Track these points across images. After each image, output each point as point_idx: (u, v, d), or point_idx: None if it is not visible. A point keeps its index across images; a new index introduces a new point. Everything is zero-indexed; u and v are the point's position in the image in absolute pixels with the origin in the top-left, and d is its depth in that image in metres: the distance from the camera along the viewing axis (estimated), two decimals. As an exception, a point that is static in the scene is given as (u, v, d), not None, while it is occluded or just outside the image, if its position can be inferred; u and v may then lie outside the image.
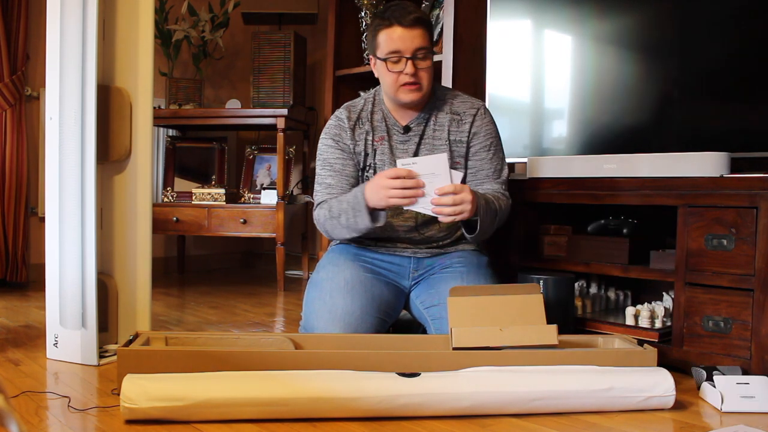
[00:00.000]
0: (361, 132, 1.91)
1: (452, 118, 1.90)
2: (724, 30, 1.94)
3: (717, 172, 1.79)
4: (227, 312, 2.71)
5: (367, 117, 1.92)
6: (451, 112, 1.90)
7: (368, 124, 1.91)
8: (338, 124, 1.92)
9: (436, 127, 1.89)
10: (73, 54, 1.78)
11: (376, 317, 1.79)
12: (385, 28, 1.79)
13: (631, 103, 2.12)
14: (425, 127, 1.90)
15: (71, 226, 1.80)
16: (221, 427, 1.34)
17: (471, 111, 1.91)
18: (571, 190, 2.08)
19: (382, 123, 1.91)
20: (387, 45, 1.79)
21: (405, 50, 1.77)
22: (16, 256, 3.14)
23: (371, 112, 1.92)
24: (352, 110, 1.94)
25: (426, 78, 1.81)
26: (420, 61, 1.79)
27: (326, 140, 1.92)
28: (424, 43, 1.79)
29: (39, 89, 3.28)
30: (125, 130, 1.93)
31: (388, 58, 1.79)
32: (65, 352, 1.82)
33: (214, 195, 3.42)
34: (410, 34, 1.77)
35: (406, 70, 1.78)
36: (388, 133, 1.90)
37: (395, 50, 1.78)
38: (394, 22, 1.77)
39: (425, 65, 1.80)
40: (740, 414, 1.49)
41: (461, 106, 1.91)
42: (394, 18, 1.78)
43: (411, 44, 1.77)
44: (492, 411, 1.43)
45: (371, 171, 1.90)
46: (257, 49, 3.49)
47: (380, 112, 1.92)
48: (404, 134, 1.90)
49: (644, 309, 1.97)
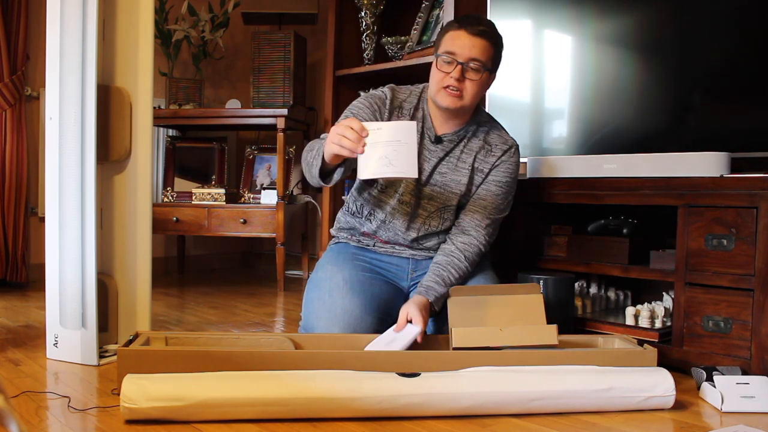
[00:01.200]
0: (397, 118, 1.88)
1: (483, 146, 1.88)
2: (724, 30, 1.94)
3: (717, 172, 1.79)
4: (227, 312, 2.71)
5: (409, 110, 1.89)
6: (484, 141, 1.89)
7: (407, 118, 1.87)
8: (381, 98, 1.88)
9: (465, 150, 1.87)
10: (73, 54, 1.78)
11: (376, 316, 1.79)
12: (452, 30, 1.79)
13: (631, 103, 2.12)
14: (455, 146, 1.87)
15: (71, 226, 1.80)
16: (221, 427, 1.34)
17: (503, 146, 1.89)
18: (571, 190, 2.08)
19: (419, 123, 1.88)
20: (446, 44, 1.78)
21: (460, 55, 1.75)
22: (16, 256, 3.14)
23: (415, 108, 1.89)
24: (396, 94, 1.91)
25: (471, 90, 1.78)
26: (471, 71, 1.76)
27: (363, 102, 1.88)
28: (483, 56, 1.76)
29: (39, 89, 3.28)
30: (125, 130, 1.93)
31: (442, 56, 1.78)
32: (65, 352, 1.82)
33: (214, 195, 3.42)
34: (471, 42, 1.75)
35: (453, 74, 1.76)
36: (421, 136, 1.87)
37: (451, 51, 1.76)
38: (463, 26, 1.77)
39: (474, 77, 1.77)
40: (740, 414, 1.49)
41: (496, 138, 1.90)
42: (465, 23, 1.78)
43: (469, 52, 1.75)
44: (492, 411, 1.43)
45: None
46: (257, 49, 3.49)
47: (421, 110, 1.89)
48: (433, 143, 1.87)
49: (644, 309, 1.97)
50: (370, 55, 3.13)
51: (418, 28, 2.97)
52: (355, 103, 1.89)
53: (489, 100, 2.44)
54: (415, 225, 1.88)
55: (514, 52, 2.41)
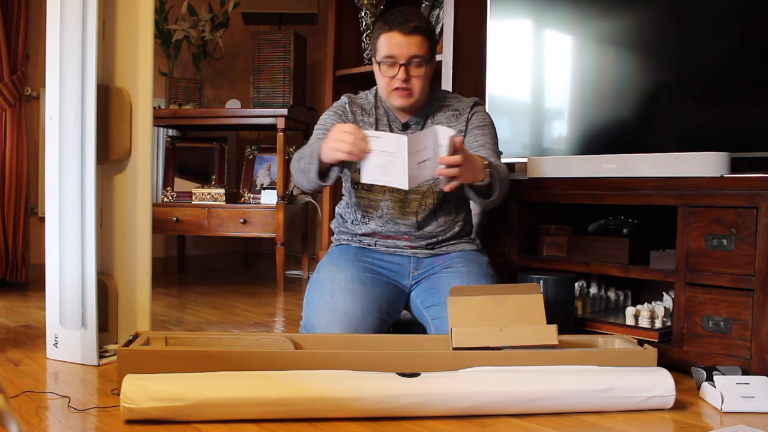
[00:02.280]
0: (363, 121, 1.95)
1: (450, 114, 1.95)
2: (723, 30, 1.94)
3: (717, 172, 1.79)
4: (227, 312, 2.71)
5: (370, 109, 1.97)
6: (449, 110, 1.96)
7: (372, 116, 1.96)
8: (341, 106, 1.98)
9: (435, 123, 1.93)
10: (73, 54, 1.78)
11: (377, 317, 1.80)
12: (384, 33, 1.83)
13: (631, 102, 2.12)
14: (423, 125, 1.94)
15: (71, 226, 1.80)
16: (221, 427, 1.34)
17: (467, 106, 1.97)
18: (571, 190, 2.08)
19: (384, 117, 1.96)
20: (384, 49, 1.83)
21: (400, 56, 1.81)
22: (16, 256, 3.14)
23: (374, 106, 1.97)
24: (354, 100, 1.99)
25: (418, 85, 1.85)
26: (414, 68, 1.83)
27: (329, 113, 1.97)
28: (421, 51, 1.82)
29: (39, 89, 3.28)
30: (125, 130, 1.93)
31: (383, 61, 1.84)
32: (65, 352, 1.82)
33: (214, 195, 3.42)
34: (407, 41, 1.80)
35: (398, 76, 1.82)
36: (390, 128, 1.95)
37: (390, 55, 1.82)
38: (393, 27, 1.82)
39: (419, 73, 1.84)
40: (740, 414, 1.49)
41: (458, 103, 1.97)
42: (394, 24, 1.82)
43: (407, 51, 1.81)
44: (492, 411, 1.43)
45: None
46: (257, 49, 3.49)
47: (382, 107, 1.97)
48: (403, 131, 1.94)
49: (644, 309, 1.97)
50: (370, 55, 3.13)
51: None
52: (324, 117, 1.96)
53: (489, 100, 2.44)
54: (411, 209, 1.91)
55: (514, 52, 2.41)
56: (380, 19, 1.89)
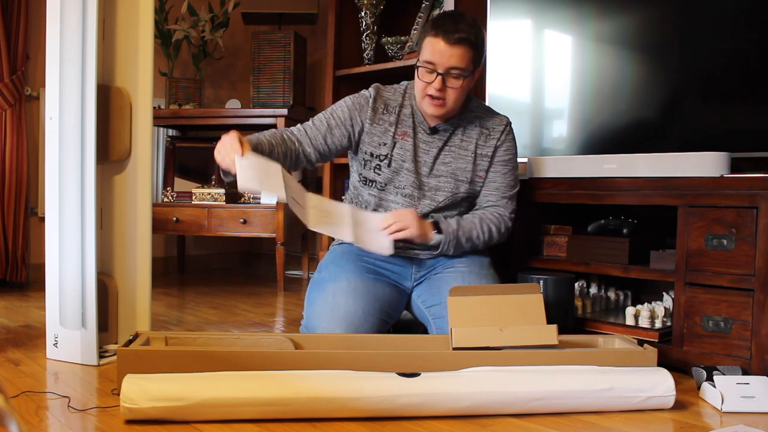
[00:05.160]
0: (383, 119, 1.91)
1: (481, 131, 1.91)
2: (724, 30, 1.94)
3: (717, 172, 1.79)
4: (227, 312, 2.71)
5: (395, 108, 1.91)
6: (480, 126, 1.92)
7: (394, 115, 1.90)
8: (365, 97, 1.93)
9: (464, 137, 1.91)
10: (73, 54, 1.78)
11: (378, 318, 1.79)
12: (430, 36, 1.77)
13: (631, 103, 2.12)
14: (452, 135, 1.91)
15: (71, 226, 1.80)
16: (221, 427, 1.34)
17: (500, 127, 1.93)
18: (571, 190, 2.08)
19: (409, 118, 1.91)
20: (426, 53, 1.78)
21: (439, 65, 1.76)
22: (16, 256, 3.14)
23: (400, 105, 1.92)
24: (381, 92, 1.94)
25: (453, 97, 1.81)
26: (452, 79, 1.78)
27: (347, 100, 1.94)
28: (462, 63, 1.76)
29: (39, 89, 3.28)
30: (125, 130, 1.93)
31: (423, 66, 1.79)
32: (65, 352, 1.82)
33: (214, 195, 3.42)
34: (450, 51, 1.74)
35: (434, 84, 1.77)
36: (414, 130, 1.90)
37: (431, 61, 1.77)
38: (439, 33, 1.75)
39: (455, 84, 1.78)
40: (740, 414, 1.49)
41: (491, 121, 1.93)
42: (441, 29, 1.75)
43: (447, 61, 1.75)
44: (492, 411, 1.43)
45: (386, 161, 1.89)
46: (257, 49, 3.49)
47: (410, 106, 1.92)
48: (430, 135, 1.90)
49: (644, 309, 1.97)
50: (370, 55, 3.13)
51: (418, 28, 2.97)
52: (339, 103, 1.95)
53: (489, 100, 2.44)
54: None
55: (515, 52, 2.41)
56: (431, 20, 1.82)
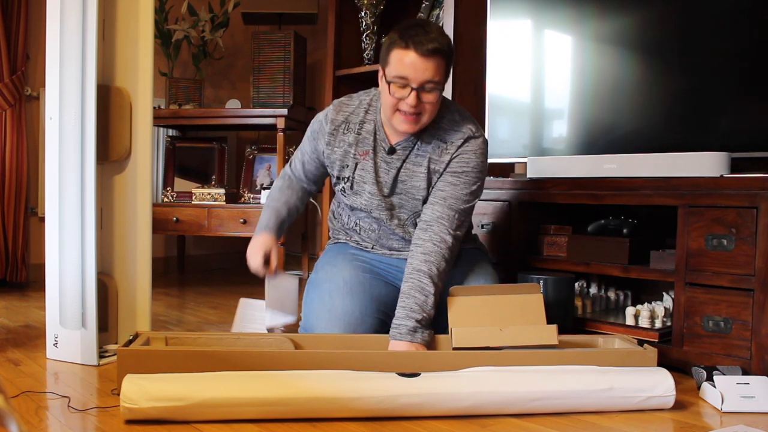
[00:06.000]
0: (343, 140, 1.80)
1: (437, 145, 1.75)
2: (724, 30, 1.94)
3: (717, 172, 1.79)
4: (227, 312, 2.71)
5: (355, 126, 1.79)
6: (438, 139, 1.75)
7: (353, 135, 1.79)
8: (320, 123, 1.84)
9: (419, 152, 1.77)
10: (73, 54, 1.78)
11: (376, 317, 1.79)
12: (399, 48, 1.62)
13: (631, 103, 2.12)
14: (410, 152, 1.77)
15: (71, 226, 1.80)
16: (221, 427, 1.34)
17: (458, 141, 1.74)
18: (571, 190, 2.08)
19: (370, 136, 1.78)
20: (396, 68, 1.63)
21: (413, 79, 1.62)
22: (16, 256, 3.14)
23: (362, 122, 1.79)
24: (341, 110, 1.82)
25: (428, 111, 1.67)
26: (426, 93, 1.64)
27: (307, 131, 1.90)
28: (437, 76, 1.62)
29: (39, 89, 3.28)
30: (125, 130, 1.93)
31: (394, 81, 1.64)
32: (65, 352, 1.82)
33: (214, 195, 3.42)
34: (424, 64, 1.60)
35: (408, 101, 1.63)
36: (374, 150, 1.78)
37: (403, 76, 1.62)
38: (411, 46, 1.60)
39: (431, 99, 1.65)
40: (740, 414, 1.49)
41: (451, 133, 1.75)
42: (412, 42, 1.60)
43: (422, 75, 1.61)
44: (492, 411, 1.43)
45: (348, 184, 1.82)
46: (257, 49, 3.49)
47: (372, 123, 1.79)
48: (389, 154, 1.78)
49: (644, 309, 1.97)
50: (370, 55, 3.13)
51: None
52: (306, 135, 1.91)
53: (489, 100, 2.44)
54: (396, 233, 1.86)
55: (515, 52, 2.41)
56: (397, 31, 1.65)
